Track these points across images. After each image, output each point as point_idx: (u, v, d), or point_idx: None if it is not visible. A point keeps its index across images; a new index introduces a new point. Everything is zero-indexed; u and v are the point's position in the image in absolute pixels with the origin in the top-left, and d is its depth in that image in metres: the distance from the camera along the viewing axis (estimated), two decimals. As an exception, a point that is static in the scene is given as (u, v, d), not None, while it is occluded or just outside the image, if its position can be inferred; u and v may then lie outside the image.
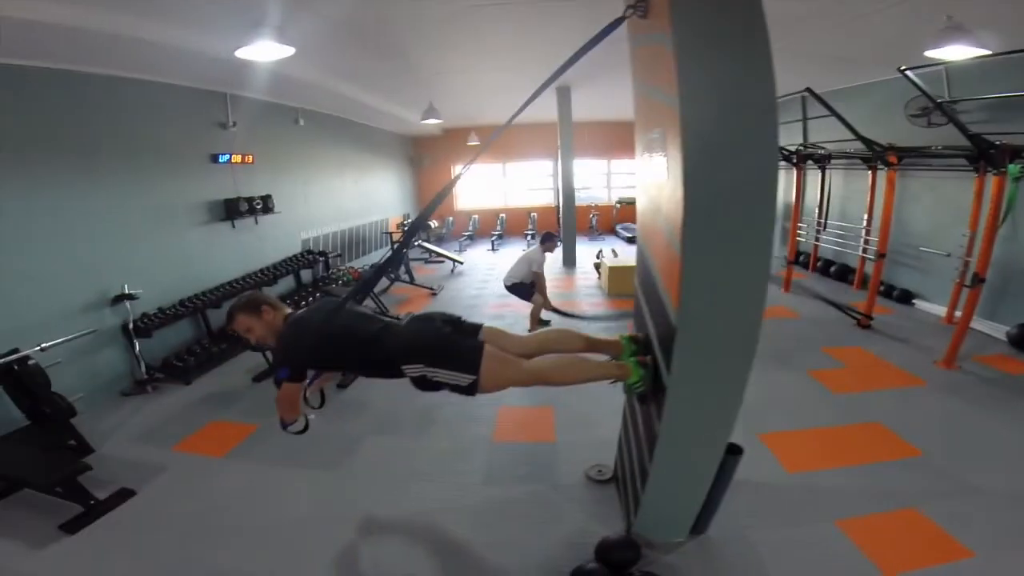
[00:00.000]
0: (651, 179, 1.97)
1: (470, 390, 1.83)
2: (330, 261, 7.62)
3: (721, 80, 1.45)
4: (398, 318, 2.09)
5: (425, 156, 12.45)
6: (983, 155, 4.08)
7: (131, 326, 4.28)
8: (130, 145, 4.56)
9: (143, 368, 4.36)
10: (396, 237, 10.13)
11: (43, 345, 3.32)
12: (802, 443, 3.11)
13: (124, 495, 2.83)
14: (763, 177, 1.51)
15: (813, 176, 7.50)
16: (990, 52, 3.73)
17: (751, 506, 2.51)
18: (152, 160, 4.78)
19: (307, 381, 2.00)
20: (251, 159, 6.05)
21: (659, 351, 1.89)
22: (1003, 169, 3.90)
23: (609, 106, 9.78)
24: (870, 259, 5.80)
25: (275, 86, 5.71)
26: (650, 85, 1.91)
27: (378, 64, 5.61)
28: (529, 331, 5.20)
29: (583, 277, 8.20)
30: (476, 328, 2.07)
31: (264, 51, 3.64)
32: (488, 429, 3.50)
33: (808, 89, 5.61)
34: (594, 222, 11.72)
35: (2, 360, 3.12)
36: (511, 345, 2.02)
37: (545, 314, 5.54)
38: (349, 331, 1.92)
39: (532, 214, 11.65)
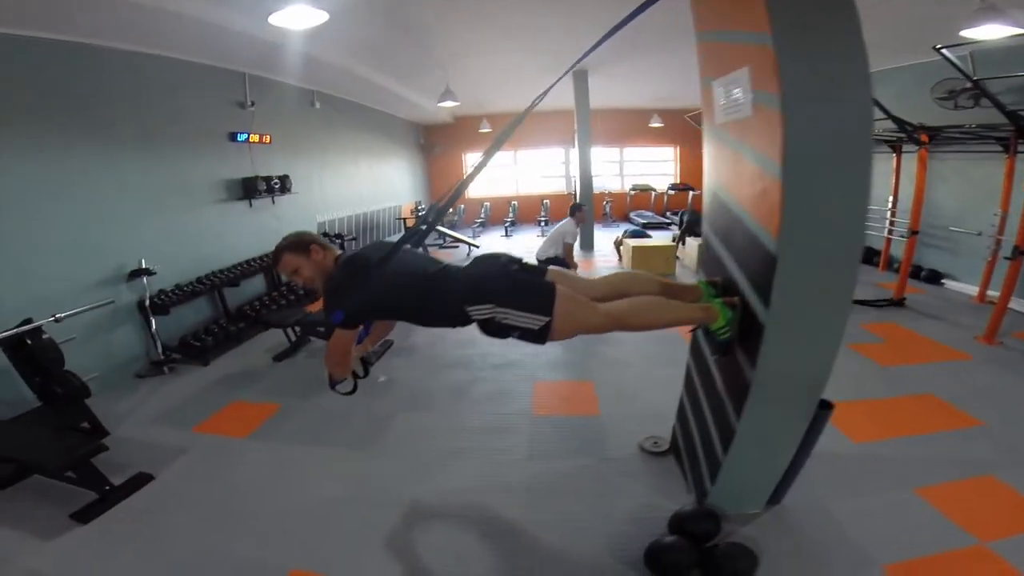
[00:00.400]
0: (729, 119, 1.84)
1: (541, 335, 1.61)
2: (345, 245, 7.38)
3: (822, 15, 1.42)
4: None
5: (436, 144, 12.16)
6: (1020, 131, 4.06)
7: (148, 303, 4.05)
8: (149, 121, 4.37)
9: (159, 348, 4.14)
10: (410, 223, 9.94)
11: (57, 315, 3.07)
12: (860, 414, 2.92)
13: (142, 480, 2.61)
14: (855, 96, 1.46)
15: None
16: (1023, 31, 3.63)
17: (823, 476, 2.31)
18: (171, 137, 4.60)
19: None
20: (268, 139, 5.84)
21: (751, 291, 1.73)
22: None
23: (623, 93, 9.52)
24: (898, 239, 5.69)
25: (293, 66, 5.52)
26: (725, 29, 1.79)
27: (398, 41, 5.39)
28: None
29: (602, 259, 8.07)
30: (543, 270, 1.84)
31: (297, 16, 3.45)
32: (526, 403, 3.29)
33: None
34: (608, 209, 11.46)
35: (14, 331, 2.88)
36: (580, 288, 1.80)
37: None
38: (411, 269, 1.72)
39: (545, 201, 11.38)
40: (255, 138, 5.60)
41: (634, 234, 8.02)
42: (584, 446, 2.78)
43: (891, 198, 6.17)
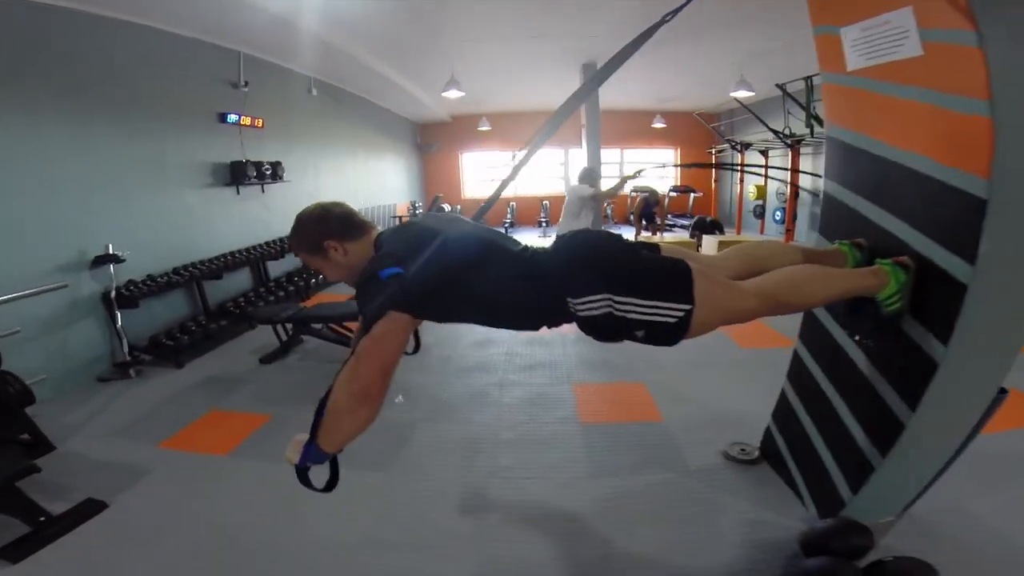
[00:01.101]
0: (881, 61, 1.54)
1: (677, 331, 1.14)
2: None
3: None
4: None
5: (433, 143, 11.63)
6: None
7: (113, 294, 3.39)
8: (125, 93, 3.77)
9: (125, 347, 3.48)
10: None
11: None
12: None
13: (91, 508, 1.98)
14: None
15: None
16: None
17: (954, 481, 1.78)
18: (150, 112, 3.99)
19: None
20: (261, 124, 5.24)
21: (936, 246, 1.37)
22: None
23: (627, 93, 9.14)
24: None
25: (292, 47, 5.02)
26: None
27: (404, 21, 4.89)
28: None
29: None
30: (655, 246, 1.34)
31: None
32: (569, 410, 2.75)
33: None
34: (610, 211, 11.04)
35: None
36: (709, 264, 1.35)
37: None
38: (495, 245, 1.22)
39: (544, 202, 10.90)
40: (247, 121, 5.00)
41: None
42: (655, 457, 2.26)
43: None
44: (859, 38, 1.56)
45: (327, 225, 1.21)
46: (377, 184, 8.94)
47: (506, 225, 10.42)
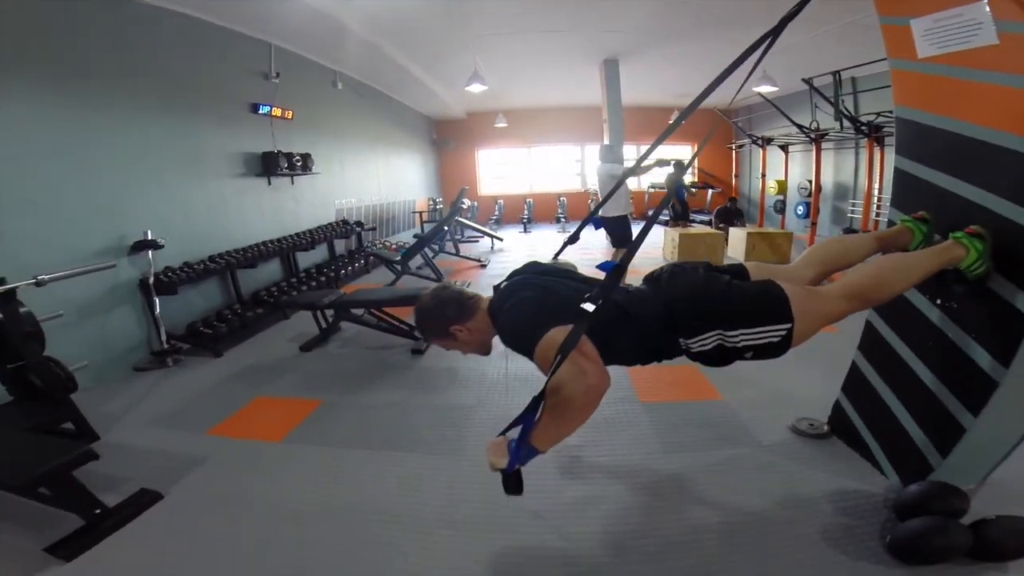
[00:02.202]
0: (948, 52, 1.67)
1: (782, 346, 1.22)
2: (363, 235, 6.64)
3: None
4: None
5: (449, 140, 11.47)
6: None
7: (152, 280, 3.26)
8: (167, 81, 3.68)
9: (163, 336, 3.34)
10: (426, 218, 9.25)
11: (39, 277, 2.25)
12: None
13: (146, 499, 1.84)
14: None
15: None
16: None
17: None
18: (189, 101, 3.90)
19: None
20: (291, 115, 5.12)
21: (1018, 209, 1.42)
22: None
23: (647, 89, 8.97)
24: None
25: (320, 39, 4.96)
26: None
27: (430, 15, 4.74)
28: None
29: (643, 253, 7.33)
30: (741, 267, 1.44)
31: None
32: (626, 391, 2.61)
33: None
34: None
35: None
36: (788, 276, 1.39)
37: None
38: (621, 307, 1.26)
39: (561, 198, 10.72)
40: (277, 112, 4.88)
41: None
42: (724, 434, 2.16)
43: None
44: (931, 28, 1.66)
45: (445, 312, 1.32)
46: (398, 180, 8.80)
47: (525, 219, 10.24)
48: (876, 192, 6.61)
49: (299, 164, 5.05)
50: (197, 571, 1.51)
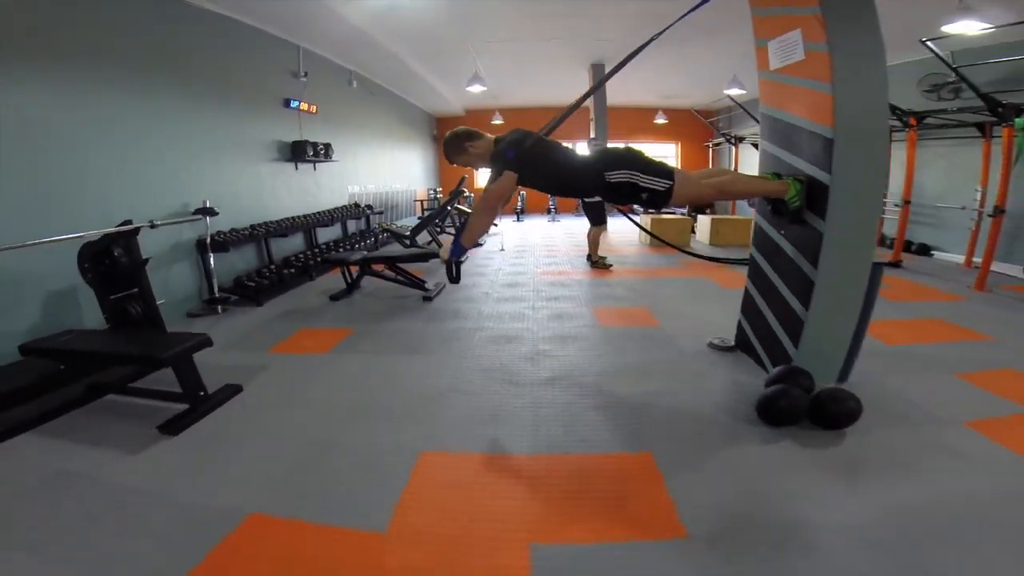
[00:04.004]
0: (786, 63, 2.40)
1: (666, 196, 2.02)
2: (371, 218, 7.31)
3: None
4: None
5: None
6: (992, 111, 4.37)
7: (208, 240, 3.93)
8: (221, 79, 4.40)
9: (215, 287, 4.01)
10: (425, 206, 9.92)
11: (153, 221, 2.94)
12: (887, 328, 3.11)
13: (230, 391, 2.43)
14: (873, 39, 2.06)
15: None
16: (992, 26, 4.10)
17: (874, 367, 2.48)
18: (239, 96, 4.65)
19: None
20: (315, 110, 5.79)
21: (814, 169, 2.18)
22: (1011, 123, 4.24)
23: (632, 90, 9.66)
24: (890, 217, 5.99)
25: (340, 40, 5.59)
26: (776, 6, 2.40)
27: (441, 24, 5.42)
28: (589, 256, 5.12)
29: (618, 235, 8.05)
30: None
31: None
32: (588, 320, 3.37)
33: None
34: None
35: (119, 228, 2.69)
36: (693, 174, 2.29)
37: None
38: (574, 152, 2.20)
39: (552, 192, 11.44)
40: (304, 107, 5.54)
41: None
42: (656, 345, 2.88)
43: (887, 180, 6.46)
44: (777, 47, 2.40)
45: (463, 138, 2.16)
46: (401, 170, 9.47)
47: (518, 210, 10.94)
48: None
49: (321, 152, 5.71)
50: (268, 437, 2.00)
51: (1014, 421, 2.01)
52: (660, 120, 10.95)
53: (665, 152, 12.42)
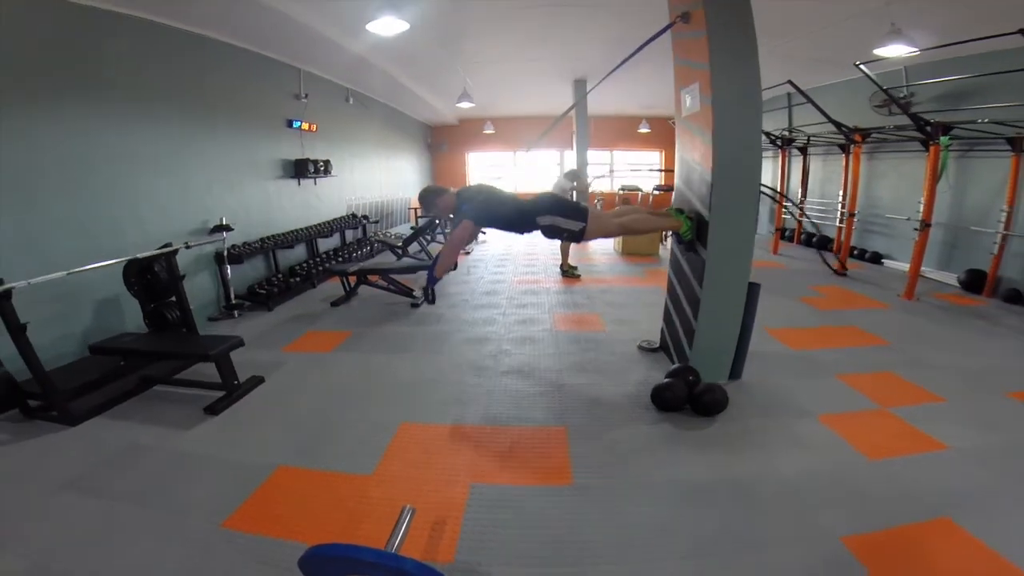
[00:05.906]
0: (689, 112, 2.93)
1: (580, 234, 2.68)
2: (367, 227, 7.94)
3: (734, 56, 2.57)
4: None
5: (444, 143, 12.76)
6: (920, 130, 4.69)
7: (225, 253, 4.56)
8: (231, 105, 4.98)
9: (231, 294, 4.65)
10: (420, 213, 10.52)
11: (188, 243, 3.59)
12: (798, 335, 3.72)
13: (255, 381, 3.07)
14: (750, 96, 2.58)
15: (796, 162, 8.22)
16: (918, 50, 4.41)
17: (768, 367, 3.07)
18: (248, 121, 5.24)
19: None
20: (315, 128, 6.36)
21: (702, 206, 2.73)
22: (936, 141, 4.63)
23: (615, 101, 10.24)
24: (837, 226, 6.51)
25: (338, 62, 6.09)
26: (688, 59, 2.95)
27: (433, 47, 5.99)
28: (561, 266, 5.76)
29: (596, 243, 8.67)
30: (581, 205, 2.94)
31: (387, 25, 4.16)
32: (548, 325, 4.02)
33: (789, 81, 6.15)
34: (599, 208, 12.20)
35: (160, 251, 3.33)
36: (600, 213, 3.03)
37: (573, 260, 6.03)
38: (508, 198, 2.88)
39: (540, 198, 12.05)
40: (306, 126, 6.13)
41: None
42: (597, 347, 3.54)
43: (841, 192, 6.86)
44: (686, 96, 2.88)
45: (433, 192, 2.92)
46: (396, 179, 10.07)
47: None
48: (801, 196, 7.99)
49: (321, 169, 6.33)
50: (287, 415, 2.65)
51: (863, 416, 2.46)
52: (643, 129, 11.56)
53: (650, 160, 13.04)
